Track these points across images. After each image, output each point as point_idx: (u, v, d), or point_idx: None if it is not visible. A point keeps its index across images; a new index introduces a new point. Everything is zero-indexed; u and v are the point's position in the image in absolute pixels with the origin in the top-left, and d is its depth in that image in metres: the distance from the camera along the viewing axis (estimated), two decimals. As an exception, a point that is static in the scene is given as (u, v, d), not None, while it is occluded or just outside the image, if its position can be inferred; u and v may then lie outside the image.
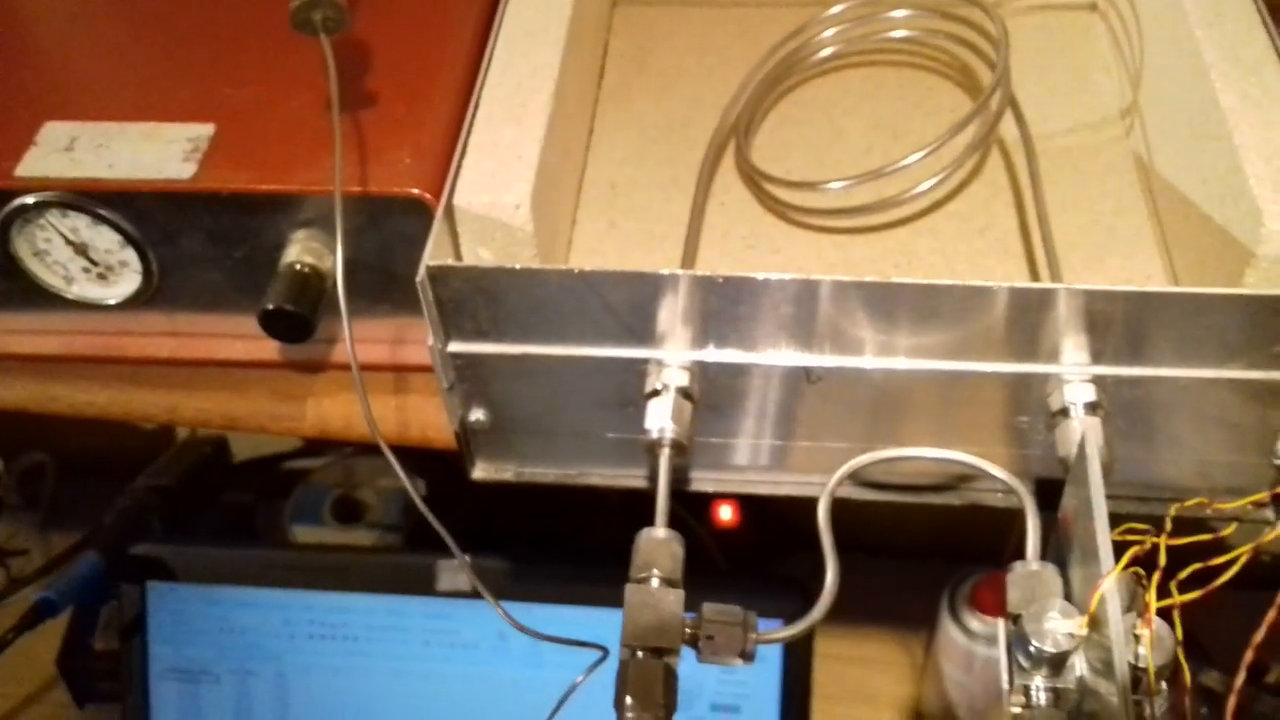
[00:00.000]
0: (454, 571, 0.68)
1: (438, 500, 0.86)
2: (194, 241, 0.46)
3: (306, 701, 0.70)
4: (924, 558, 0.78)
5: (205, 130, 0.45)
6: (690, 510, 0.77)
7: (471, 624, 0.68)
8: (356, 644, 0.69)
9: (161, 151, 0.45)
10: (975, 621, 0.69)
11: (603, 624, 0.39)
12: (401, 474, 0.40)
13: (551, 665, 0.67)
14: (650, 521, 0.39)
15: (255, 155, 0.45)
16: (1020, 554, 0.39)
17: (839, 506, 0.42)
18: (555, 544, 0.79)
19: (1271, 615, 0.42)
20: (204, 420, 0.49)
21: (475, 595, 0.68)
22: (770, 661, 0.67)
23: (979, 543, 0.66)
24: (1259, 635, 0.42)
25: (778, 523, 0.80)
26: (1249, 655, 0.42)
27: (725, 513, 0.81)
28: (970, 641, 0.69)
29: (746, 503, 0.80)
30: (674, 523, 0.39)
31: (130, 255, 0.46)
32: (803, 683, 0.68)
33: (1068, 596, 0.37)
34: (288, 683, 0.70)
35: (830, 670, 0.76)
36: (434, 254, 0.40)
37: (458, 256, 0.43)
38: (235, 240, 0.45)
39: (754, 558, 0.81)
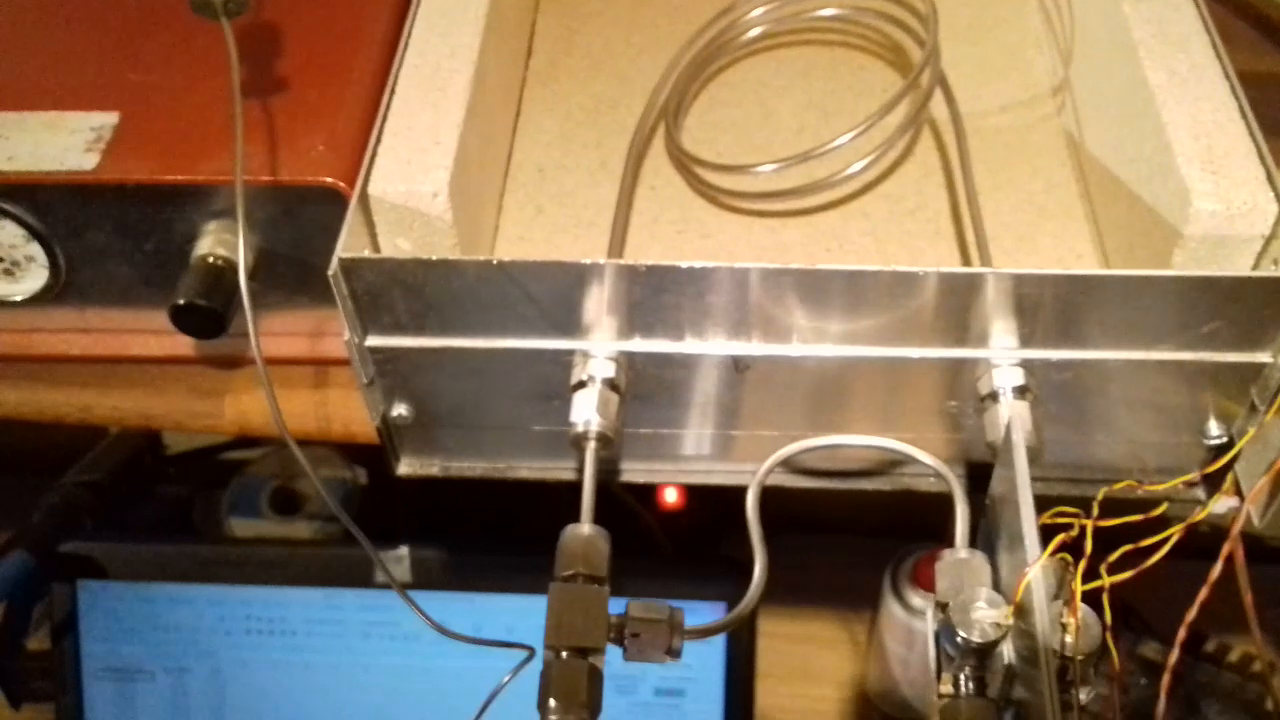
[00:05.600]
0: (394, 562, 0.67)
1: (380, 489, 0.84)
2: (102, 234, 0.44)
3: (243, 698, 0.69)
4: (869, 534, 0.78)
5: (109, 119, 0.43)
6: (635, 493, 0.76)
7: (411, 616, 0.66)
8: (294, 638, 0.68)
9: (64, 142, 0.43)
10: (917, 598, 0.69)
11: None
12: (311, 473, 0.38)
13: (491, 656, 0.66)
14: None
15: (162, 144, 0.43)
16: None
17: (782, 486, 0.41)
18: (502, 530, 0.78)
19: (1204, 594, 0.42)
20: (119, 419, 0.48)
21: (416, 586, 0.67)
22: (714, 643, 0.67)
23: (924, 518, 0.66)
24: (1191, 613, 0.42)
25: (723, 503, 0.80)
26: (1183, 631, 0.42)
27: (670, 495, 0.80)
28: (912, 618, 0.69)
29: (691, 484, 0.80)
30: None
31: (36, 250, 0.45)
32: (747, 663, 0.68)
33: (996, 583, 0.37)
34: (224, 679, 0.69)
35: (775, 649, 0.76)
36: (347, 245, 0.38)
37: (375, 247, 0.42)
38: (144, 232, 0.44)
39: (699, 539, 0.80)
